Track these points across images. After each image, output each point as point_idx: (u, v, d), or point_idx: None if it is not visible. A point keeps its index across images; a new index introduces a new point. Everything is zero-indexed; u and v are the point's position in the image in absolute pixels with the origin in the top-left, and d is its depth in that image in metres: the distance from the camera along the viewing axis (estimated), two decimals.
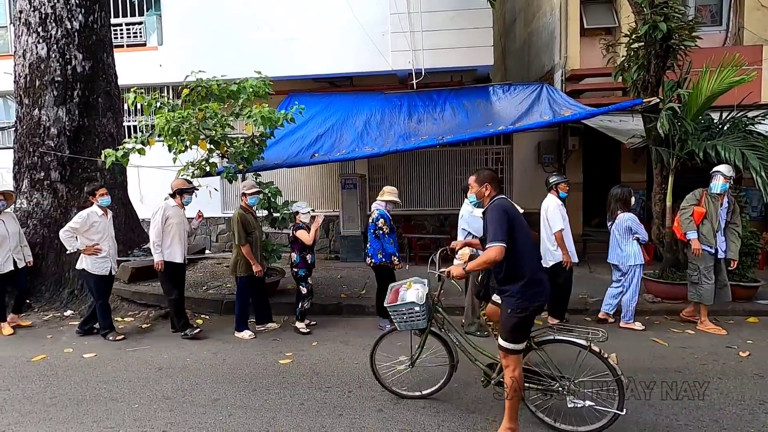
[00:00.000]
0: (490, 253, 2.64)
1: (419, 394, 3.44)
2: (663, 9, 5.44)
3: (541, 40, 9.52)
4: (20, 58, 6.48)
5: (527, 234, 2.84)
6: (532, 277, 2.75)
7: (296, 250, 5.03)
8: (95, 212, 4.95)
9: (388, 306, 3.25)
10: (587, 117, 6.90)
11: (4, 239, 5.12)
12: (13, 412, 3.35)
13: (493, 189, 2.93)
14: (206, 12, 8.79)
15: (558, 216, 4.85)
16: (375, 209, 5.02)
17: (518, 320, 2.74)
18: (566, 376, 2.95)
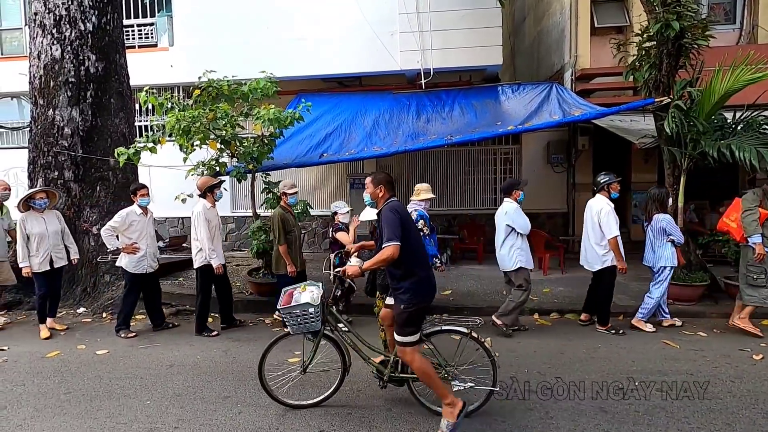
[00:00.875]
0: (386, 252, 2.79)
1: (310, 403, 3.33)
2: (676, 7, 5.37)
3: (550, 39, 9.45)
4: (35, 60, 6.59)
5: (418, 236, 3.10)
6: (422, 275, 2.94)
7: (335, 251, 5.00)
8: (134, 211, 5.05)
9: (280, 308, 3.17)
10: (597, 117, 6.85)
11: (43, 238, 5.03)
12: (28, 407, 3.42)
13: (387, 191, 3.06)
14: (216, 13, 8.86)
15: (613, 220, 4.65)
16: (413, 210, 4.85)
17: (409, 315, 2.90)
18: (450, 363, 3.13)
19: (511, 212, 4.75)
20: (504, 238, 4.80)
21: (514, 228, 4.72)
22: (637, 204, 8.97)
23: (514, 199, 4.86)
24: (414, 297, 2.90)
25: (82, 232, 6.43)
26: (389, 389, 3.31)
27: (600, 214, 4.71)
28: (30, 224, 5.01)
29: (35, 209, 5.05)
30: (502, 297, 5.96)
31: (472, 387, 3.06)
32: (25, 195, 5.05)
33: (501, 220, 4.85)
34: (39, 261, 5.04)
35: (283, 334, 3.32)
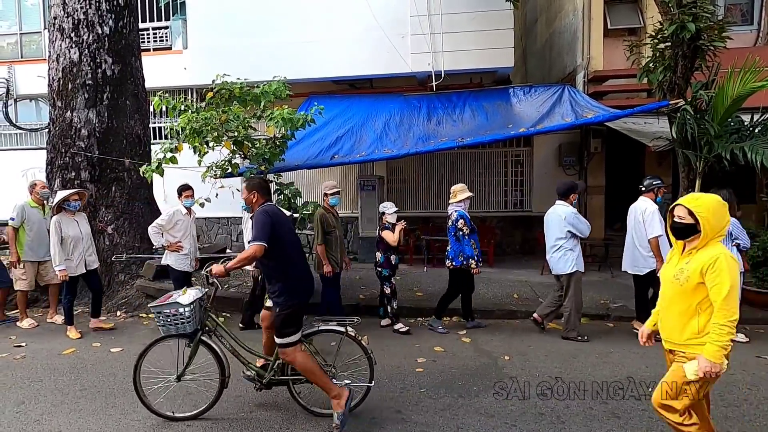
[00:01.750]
0: (249, 251, 2.92)
1: (186, 415, 3.19)
2: (691, 9, 5.30)
3: (563, 40, 9.39)
4: (54, 63, 6.74)
5: (293, 239, 3.19)
6: (295, 276, 3.06)
7: (381, 250, 5.08)
8: (180, 211, 5.16)
9: (151, 306, 3.12)
10: (611, 119, 6.78)
11: (78, 240, 5.03)
12: (45, 403, 3.49)
13: (261, 196, 3.18)
14: (229, 16, 8.97)
15: (658, 220, 4.57)
16: (453, 211, 4.92)
17: (285, 317, 2.97)
18: (329, 363, 3.20)
19: (570, 217, 4.65)
20: (559, 242, 4.70)
21: (573, 232, 4.65)
22: None
23: (570, 203, 4.76)
24: (288, 299, 2.98)
25: (97, 231, 6.54)
26: (271, 396, 3.36)
27: (645, 214, 4.63)
28: (65, 227, 4.99)
29: (68, 211, 5.04)
30: (513, 300, 5.94)
31: (348, 384, 3.12)
32: (60, 198, 5.01)
33: (555, 222, 4.74)
34: (75, 264, 5.04)
35: (160, 338, 3.20)
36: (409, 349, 4.50)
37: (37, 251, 5.43)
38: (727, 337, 2.15)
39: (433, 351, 4.44)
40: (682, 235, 2.34)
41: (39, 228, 5.44)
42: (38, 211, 5.52)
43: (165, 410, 3.23)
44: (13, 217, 5.32)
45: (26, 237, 5.37)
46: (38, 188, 5.58)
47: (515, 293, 6.25)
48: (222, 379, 3.22)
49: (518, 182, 9.30)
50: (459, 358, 4.28)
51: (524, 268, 7.74)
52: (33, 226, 5.40)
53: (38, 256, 5.45)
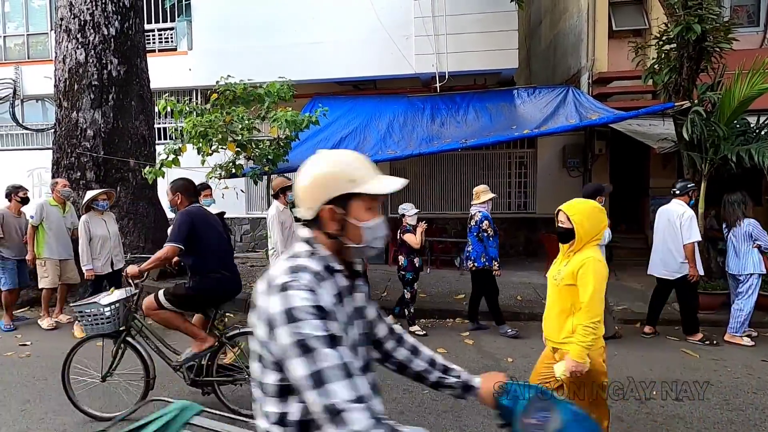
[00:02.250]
0: (161, 252, 3.07)
1: (113, 416, 3.11)
2: (697, 10, 5.29)
3: (567, 42, 9.37)
4: (60, 63, 6.79)
5: (219, 239, 3.29)
6: (215, 276, 3.17)
7: (403, 253, 4.99)
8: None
9: (73, 306, 3.20)
10: (615, 121, 6.77)
11: (105, 240, 5.04)
12: (50, 401, 3.51)
13: (185, 198, 3.25)
14: (234, 17, 9.02)
15: (695, 225, 4.53)
16: (477, 212, 4.92)
17: (187, 294, 3.14)
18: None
19: None
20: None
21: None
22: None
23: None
24: (201, 290, 3.14)
25: None
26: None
27: (682, 217, 4.54)
28: (93, 226, 4.99)
29: (97, 210, 5.03)
30: (516, 302, 5.93)
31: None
32: (89, 197, 5.00)
33: None
34: (101, 263, 5.04)
35: (86, 338, 3.24)
36: None
37: (56, 250, 5.37)
38: (590, 337, 2.24)
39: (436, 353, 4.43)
40: (564, 239, 2.45)
41: (58, 227, 5.40)
42: (58, 210, 5.46)
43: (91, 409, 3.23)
44: (32, 215, 5.29)
45: (45, 235, 5.32)
46: (59, 186, 5.51)
47: (518, 295, 6.24)
48: (147, 380, 3.22)
49: (522, 184, 9.28)
50: (462, 359, 4.27)
51: (527, 270, 7.72)
52: (52, 225, 5.35)
53: (58, 255, 5.39)
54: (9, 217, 5.47)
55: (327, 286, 1.11)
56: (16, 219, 5.53)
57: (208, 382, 3.22)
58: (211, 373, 3.20)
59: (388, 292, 6.52)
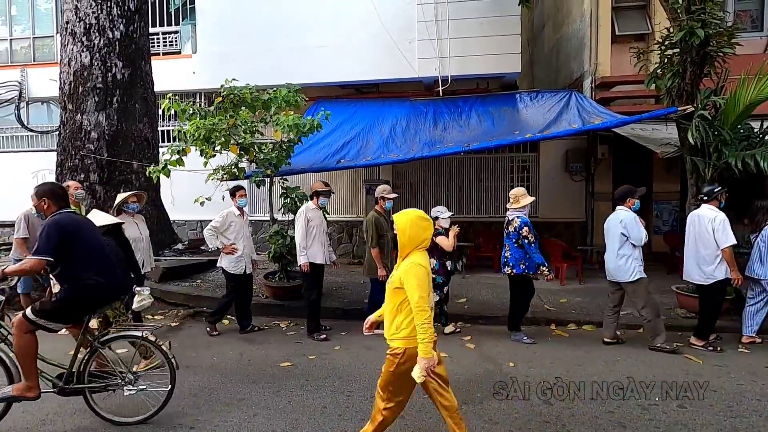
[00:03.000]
0: (27, 263, 2.92)
1: None
2: (700, 15, 5.28)
3: (570, 46, 9.38)
4: (65, 66, 6.85)
5: (97, 244, 3.13)
6: (90, 283, 3.01)
7: (435, 256, 4.90)
8: (233, 212, 5.12)
9: None
10: (618, 125, 6.75)
11: (138, 242, 4.87)
12: (52, 403, 3.50)
13: (52, 204, 3.07)
14: (238, 21, 9.07)
15: (730, 229, 4.44)
16: (515, 217, 4.83)
17: (57, 307, 2.99)
18: (123, 370, 3.18)
19: (627, 221, 4.54)
20: (619, 247, 4.56)
21: (628, 238, 4.53)
22: (658, 214, 8.78)
23: (629, 207, 4.64)
24: (71, 299, 2.99)
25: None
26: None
27: (714, 222, 4.49)
28: (126, 229, 4.83)
29: (127, 213, 4.90)
30: None
31: (144, 390, 3.15)
32: (120, 200, 4.89)
33: (615, 228, 4.62)
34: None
35: None
36: None
37: None
38: (429, 332, 2.45)
39: None
40: (396, 244, 2.71)
41: None
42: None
43: None
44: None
45: None
46: (72, 189, 5.24)
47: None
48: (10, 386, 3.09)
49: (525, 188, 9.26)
50: (463, 364, 4.25)
51: None
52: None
53: None
54: (33, 217, 5.28)
55: None
56: (41, 220, 5.46)
57: (78, 390, 3.12)
58: (82, 380, 3.10)
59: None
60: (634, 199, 4.68)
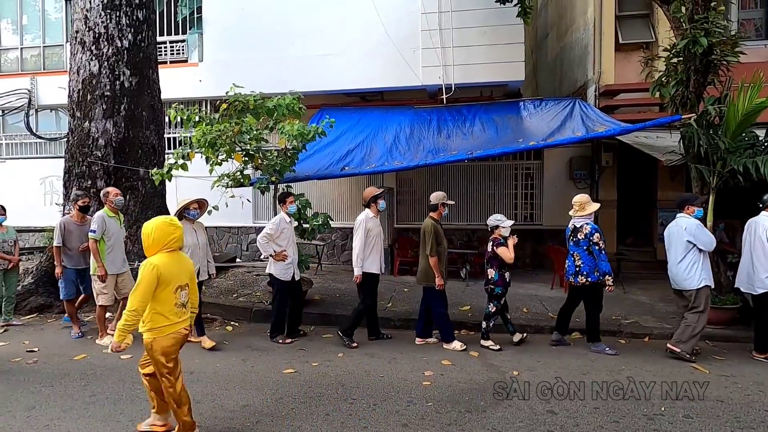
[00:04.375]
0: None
1: None
2: (703, 24, 5.31)
3: (574, 54, 9.42)
4: (74, 74, 6.94)
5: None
6: None
7: (494, 266, 4.85)
8: (284, 219, 5.11)
9: None
10: (622, 133, 6.76)
11: (195, 248, 4.87)
12: (55, 408, 3.52)
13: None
14: (243, 30, 9.19)
15: None
16: (584, 224, 4.73)
17: None
18: None
19: (692, 228, 4.49)
20: (683, 255, 4.51)
21: (696, 245, 4.48)
22: (663, 222, 8.74)
23: (689, 215, 4.60)
24: None
25: None
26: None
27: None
28: (185, 235, 4.74)
29: (188, 219, 4.89)
30: (522, 314, 5.88)
31: None
32: (181, 206, 4.88)
33: (678, 235, 4.57)
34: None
35: None
36: (416, 362, 4.47)
37: (116, 263, 5.15)
38: (130, 322, 2.77)
39: (440, 364, 4.41)
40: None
41: (117, 238, 5.18)
42: (116, 221, 5.23)
43: None
44: (94, 229, 5.00)
45: (105, 249, 5.06)
46: (112, 196, 5.23)
47: (525, 307, 6.19)
48: None
49: (528, 195, 9.27)
50: (467, 372, 4.24)
51: (534, 282, 7.67)
52: (112, 237, 5.10)
53: (117, 268, 5.17)
54: (71, 225, 5.34)
55: None
56: (78, 227, 5.38)
57: None
58: None
59: (392, 303, 6.49)
60: (694, 206, 4.61)
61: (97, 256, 5.02)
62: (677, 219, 4.69)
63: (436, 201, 5.00)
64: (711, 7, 5.42)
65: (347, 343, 4.91)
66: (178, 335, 2.94)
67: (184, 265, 3.04)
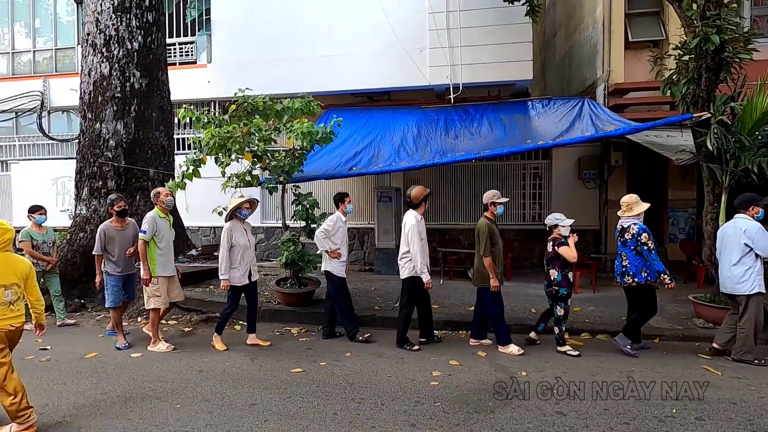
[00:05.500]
0: None
1: None
2: (715, 21, 5.23)
3: (582, 53, 9.34)
4: (86, 76, 7.04)
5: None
6: None
7: (557, 267, 4.68)
8: (340, 218, 5.14)
9: None
10: (632, 132, 6.69)
11: (246, 249, 4.81)
12: (68, 405, 3.57)
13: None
14: (252, 31, 9.25)
15: None
16: (632, 224, 4.61)
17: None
18: None
19: (752, 230, 4.33)
20: (739, 258, 4.35)
21: (753, 249, 4.32)
22: (674, 222, 8.64)
23: (752, 216, 4.44)
24: None
25: None
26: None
27: None
28: (236, 235, 4.76)
29: (239, 219, 4.82)
30: (531, 314, 5.84)
31: None
32: (234, 205, 4.80)
33: (735, 237, 4.42)
34: (240, 274, 4.81)
35: None
36: (423, 362, 4.47)
37: (167, 266, 4.99)
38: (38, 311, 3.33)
39: (448, 365, 4.39)
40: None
41: (168, 240, 5.00)
42: (166, 222, 5.04)
43: None
44: (144, 229, 4.81)
45: (157, 251, 4.89)
46: (163, 196, 5.04)
47: (533, 307, 6.15)
48: None
49: (536, 195, 9.21)
50: (475, 372, 4.22)
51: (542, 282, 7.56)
52: (163, 239, 4.93)
53: (169, 271, 5.02)
54: (111, 230, 5.11)
55: None
56: (119, 232, 5.14)
57: None
58: None
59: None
60: (759, 207, 4.45)
61: (145, 258, 4.82)
62: (735, 219, 4.52)
63: (487, 200, 4.84)
64: (723, 4, 5.34)
65: (409, 348, 4.80)
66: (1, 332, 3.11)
67: (12, 265, 3.18)
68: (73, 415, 3.41)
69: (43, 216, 5.79)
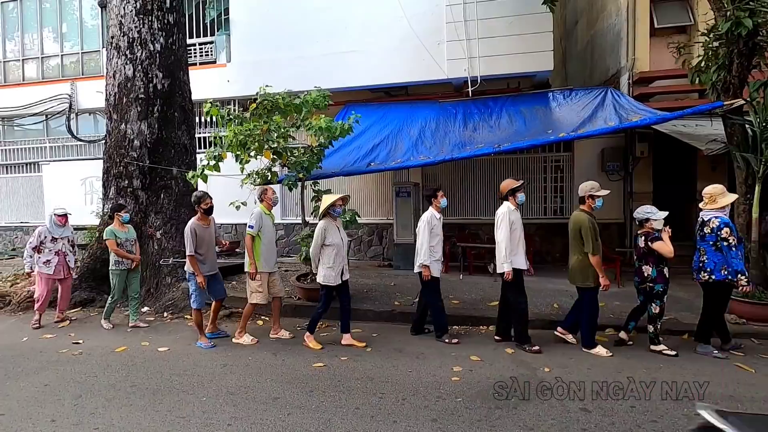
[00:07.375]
0: None
1: None
2: (748, 3, 5.00)
3: (605, 42, 9.08)
4: (111, 79, 7.23)
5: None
6: None
7: (651, 263, 4.42)
8: (435, 215, 4.96)
9: None
10: (658, 122, 6.48)
11: (340, 248, 4.74)
12: (100, 397, 3.71)
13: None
14: (269, 30, 9.33)
15: None
16: (712, 217, 4.33)
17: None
18: None
19: None
20: None
21: None
22: None
23: None
24: None
25: (147, 236, 6.91)
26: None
27: None
28: (331, 234, 4.73)
29: (332, 217, 4.78)
30: (553, 310, 5.75)
31: None
32: (328, 203, 4.76)
33: None
34: (335, 273, 4.75)
35: None
36: (445, 358, 4.45)
37: (270, 261, 5.02)
38: None
39: (469, 360, 4.37)
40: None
41: (271, 236, 5.06)
42: (270, 219, 5.08)
43: None
44: (251, 224, 4.87)
45: (261, 246, 4.93)
46: (269, 194, 5.08)
47: (555, 303, 6.05)
48: None
49: (558, 188, 9.03)
50: (496, 368, 4.18)
51: (564, 277, 7.39)
52: (267, 235, 4.98)
53: (270, 267, 5.04)
54: (199, 228, 4.96)
55: None
56: (205, 230, 5.02)
57: None
58: None
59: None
60: None
61: (251, 252, 4.85)
62: None
63: (584, 192, 4.50)
64: None
65: (528, 349, 4.56)
66: None
67: None
68: (105, 407, 3.54)
69: (127, 214, 5.81)
